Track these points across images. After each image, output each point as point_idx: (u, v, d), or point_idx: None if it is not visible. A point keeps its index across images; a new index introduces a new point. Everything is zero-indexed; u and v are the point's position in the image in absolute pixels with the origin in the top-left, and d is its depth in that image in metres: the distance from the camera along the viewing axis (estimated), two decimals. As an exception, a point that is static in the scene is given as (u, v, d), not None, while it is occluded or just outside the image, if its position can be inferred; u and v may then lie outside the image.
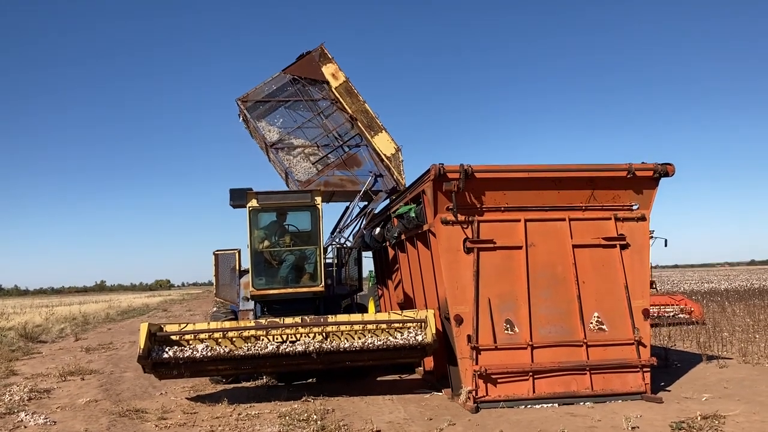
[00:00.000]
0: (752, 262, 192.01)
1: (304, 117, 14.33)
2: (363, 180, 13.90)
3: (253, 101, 14.20)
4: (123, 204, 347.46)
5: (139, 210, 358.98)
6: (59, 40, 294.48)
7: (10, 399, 9.67)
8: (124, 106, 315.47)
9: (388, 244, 12.63)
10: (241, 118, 14.79)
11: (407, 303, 11.70)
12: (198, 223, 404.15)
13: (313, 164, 13.85)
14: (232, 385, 10.74)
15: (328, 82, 14.52)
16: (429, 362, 10.72)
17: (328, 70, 14.61)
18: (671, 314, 18.50)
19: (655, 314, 17.74)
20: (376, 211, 14.32)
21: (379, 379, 11.10)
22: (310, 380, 11.06)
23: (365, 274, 18.76)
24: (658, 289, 27.95)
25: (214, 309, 12.02)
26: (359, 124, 14.26)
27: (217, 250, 11.54)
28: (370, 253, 15.45)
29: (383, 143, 14.25)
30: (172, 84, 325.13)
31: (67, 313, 36.15)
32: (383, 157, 14.17)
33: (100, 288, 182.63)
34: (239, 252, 11.56)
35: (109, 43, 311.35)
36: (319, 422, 7.71)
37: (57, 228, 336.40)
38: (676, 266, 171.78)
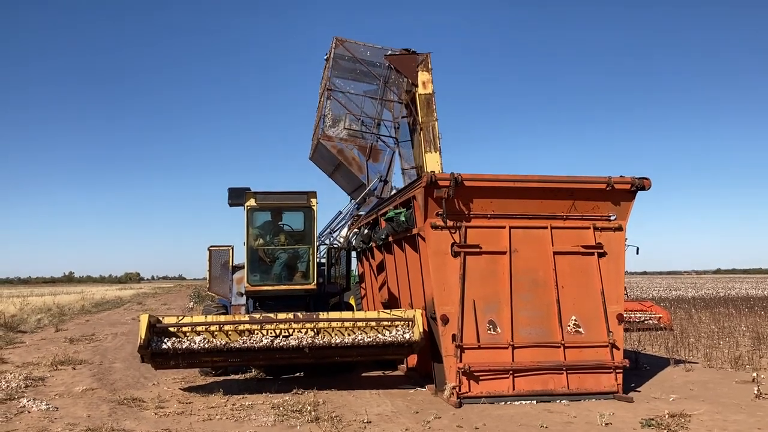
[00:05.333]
0: (718, 271, 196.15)
1: (370, 93, 15.01)
2: (371, 175, 14.44)
3: (347, 53, 15.05)
4: (91, 194, 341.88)
5: (108, 201, 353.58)
6: (45, 33, 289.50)
7: (8, 386, 9.93)
8: (91, 96, 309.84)
9: (374, 245, 13.09)
10: (326, 56, 15.62)
11: (392, 302, 12.16)
12: (168, 217, 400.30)
13: (345, 128, 14.44)
14: (222, 378, 11.10)
15: (416, 86, 15.08)
16: (412, 359, 11.22)
17: (422, 77, 15.25)
18: (641, 320, 19.21)
19: (626, 320, 18.40)
20: (361, 213, 14.77)
21: (364, 374, 11.54)
22: (298, 374, 11.46)
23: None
24: (629, 295, 28.77)
25: (192, 304, 12.38)
26: (422, 135, 14.79)
27: (212, 246, 11.90)
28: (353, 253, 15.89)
29: (432, 162, 14.78)
30: (146, 76, 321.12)
31: (41, 304, 35.98)
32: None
33: (69, 279, 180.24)
34: (232, 248, 11.93)
35: (103, 35, 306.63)
36: (312, 413, 8.14)
37: (21, 216, 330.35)
38: (644, 273, 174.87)
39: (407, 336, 9.51)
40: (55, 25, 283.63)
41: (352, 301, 16.66)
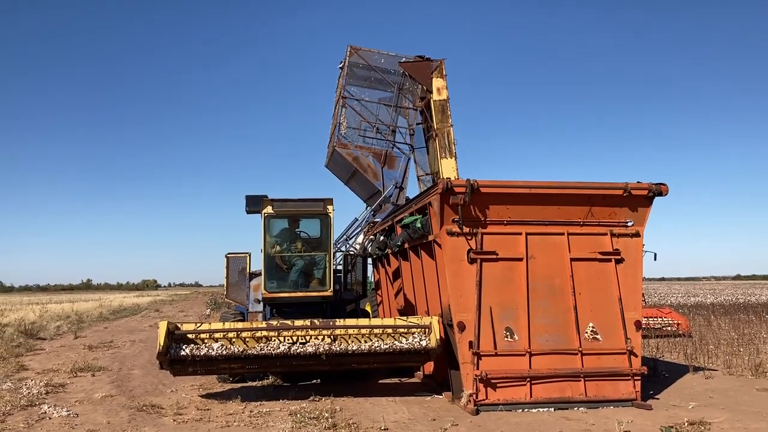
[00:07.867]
0: (737, 277, 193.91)
1: (385, 100, 15.21)
2: (386, 182, 14.53)
3: (361, 61, 15.27)
4: (109, 202, 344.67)
5: (125, 208, 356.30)
6: (57, 39, 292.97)
7: (29, 392, 10.06)
8: (103, 102, 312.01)
9: (390, 252, 13.10)
10: (340, 65, 15.88)
11: (408, 309, 12.15)
12: (185, 224, 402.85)
13: (360, 136, 14.62)
14: (239, 384, 11.16)
15: (431, 93, 15.20)
16: (429, 366, 11.21)
17: (437, 83, 15.37)
18: (659, 326, 19.04)
19: (644, 326, 18.25)
20: (377, 220, 14.80)
21: (380, 381, 11.55)
22: (314, 381, 11.48)
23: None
24: (646, 301, 28.53)
25: (209, 311, 12.47)
26: (437, 142, 14.87)
27: (229, 253, 11.99)
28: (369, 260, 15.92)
29: (448, 169, 14.84)
30: (161, 82, 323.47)
31: (60, 311, 36.30)
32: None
33: (87, 286, 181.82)
34: (250, 255, 12.00)
35: (111, 41, 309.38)
36: (329, 420, 8.16)
37: (40, 224, 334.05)
38: (662, 279, 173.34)
39: (424, 343, 9.50)
40: (65, 31, 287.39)
41: (368, 308, 16.69)
